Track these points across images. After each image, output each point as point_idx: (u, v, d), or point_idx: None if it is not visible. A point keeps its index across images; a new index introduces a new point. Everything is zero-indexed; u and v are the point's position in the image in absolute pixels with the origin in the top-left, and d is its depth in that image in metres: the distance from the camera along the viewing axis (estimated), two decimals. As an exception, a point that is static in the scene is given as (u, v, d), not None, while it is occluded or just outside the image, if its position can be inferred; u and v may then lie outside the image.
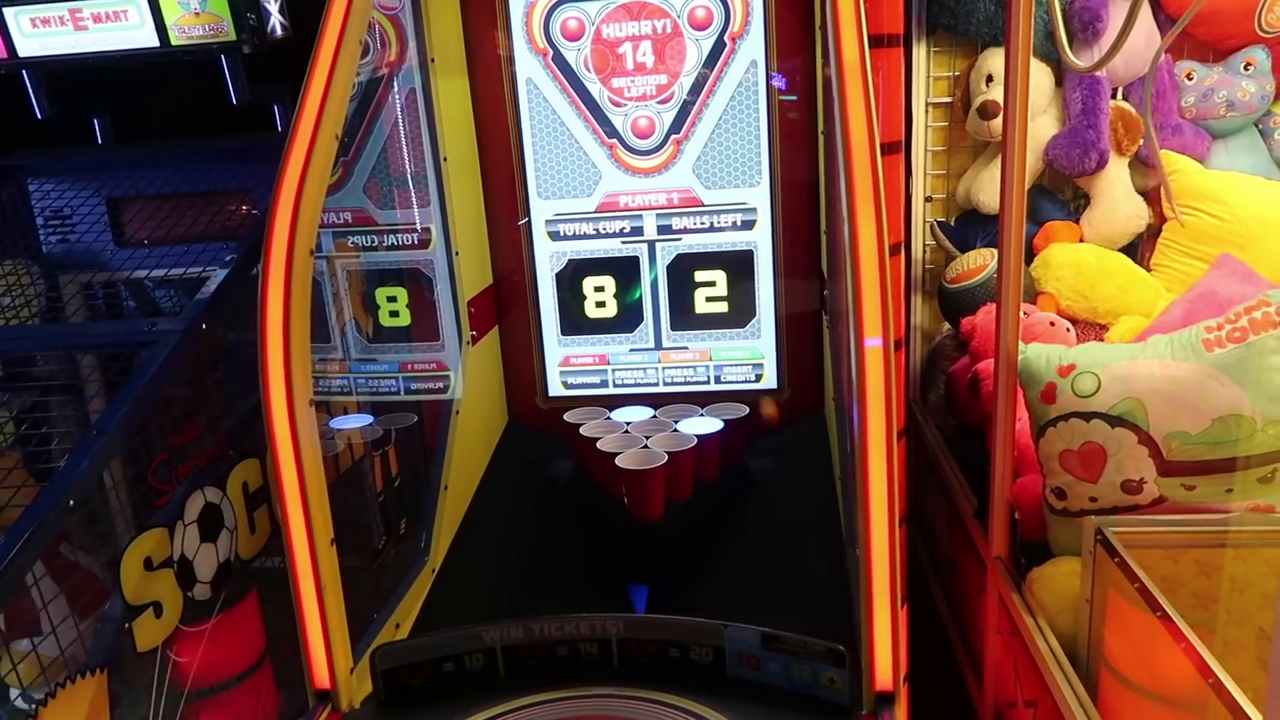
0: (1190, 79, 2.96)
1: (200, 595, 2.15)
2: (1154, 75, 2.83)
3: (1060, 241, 2.89)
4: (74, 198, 2.91)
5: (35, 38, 2.81)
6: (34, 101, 2.99)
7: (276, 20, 2.79)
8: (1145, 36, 2.87)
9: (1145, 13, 2.85)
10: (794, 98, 2.47)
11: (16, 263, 2.77)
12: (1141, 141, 2.91)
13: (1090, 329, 2.73)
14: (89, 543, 2.04)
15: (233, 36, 2.74)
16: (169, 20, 2.72)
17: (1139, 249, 2.97)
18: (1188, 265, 2.78)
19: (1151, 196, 2.96)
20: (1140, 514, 1.87)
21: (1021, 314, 2.05)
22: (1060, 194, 3.12)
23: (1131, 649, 1.69)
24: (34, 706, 1.70)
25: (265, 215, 2.56)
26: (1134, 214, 2.93)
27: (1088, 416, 1.90)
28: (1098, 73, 2.80)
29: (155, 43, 2.76)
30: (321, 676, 1.82)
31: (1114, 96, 2.97)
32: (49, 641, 1.83)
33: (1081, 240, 2.93)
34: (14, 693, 1.81)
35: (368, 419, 2.73)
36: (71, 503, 1.81)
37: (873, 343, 1.47)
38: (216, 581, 2.21)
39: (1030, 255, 2.89)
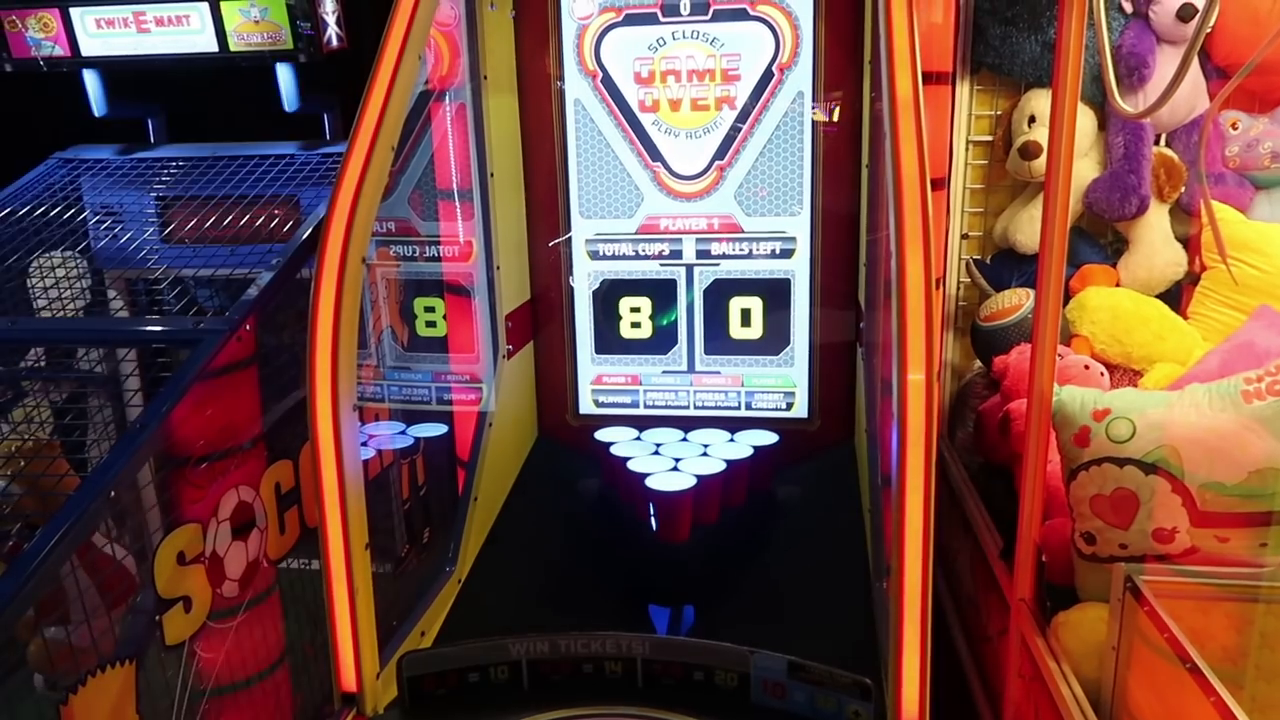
0: (1235, 128, 2.96)
1: (228, 592, 2.18)
2: (1209, 126, 2.83)
3: (1097, 285, 2.88)
4: (125, 194, 2.96)
5: (99, 38, 2.89)
6: (92, 99, 3.06)
7: (333, 31, 2.84)
8: (1191, 84, 2.87)
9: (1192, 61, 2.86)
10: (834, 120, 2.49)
11: (66, 255, 2.82)
12: (1183, 189, 2.90)
13: (1124, 375, 2.71)
14: (123, 535, 2.07)
15: (290, 45, 2.80)
16: (229, 26, 2.79)
17: (1177, 297, 2.95)
18: (1225, 315, 2.76)
19: (1191, 244, 2.95)
20: (1171, 563, 1.86)
21: (1056, 356, 2.05)
22: (1099, 238, 3.11)
23: (1157, 700, 1.67)
24: (64, 694, 1.72)
25: (310, 220, 2.62)
26: (1172, 261, 2.92)
27: (1121, 462, 1.89)
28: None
29: (214, 48, 2.83)
30: (349, 679, 1.83)
31: (1156, 143, 2.97)
32: (80, 630, 1.86)
33: (1118, 285, 2.92)
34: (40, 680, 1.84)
35: (399, 426, 2.76)
36: (113, 494, 1.84)
37: (916, 377, 1.47)
38: (244, 579, 2.23)
39: (1065, 297, 2.89)
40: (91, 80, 3.04)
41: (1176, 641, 1.55)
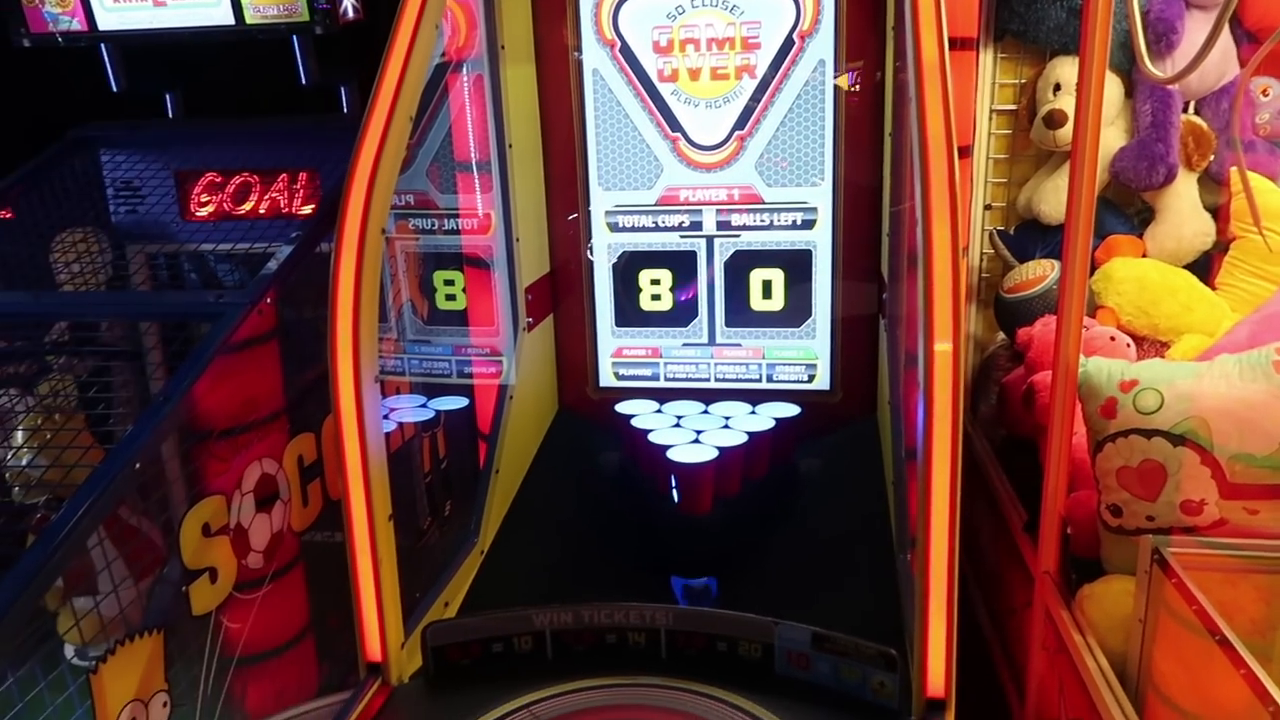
0: (1266, 95, 2.90)
1: (253, 564, 2.20)
2: (1242, 93, 2.78)
3: (1123, 255, 2.84)
4: (144, 170, 2.97)
5: (115, 12, 2.88)
6: (110, 74, 3.06)
7: (349, 3, 2.83)
8: (1220, 50, 2.82)
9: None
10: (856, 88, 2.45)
11: (86, 231, 2.84)
12: (1212, 157, 2.86)
13: (1151, 346, 2.68)
14: (148, 507, 2.09)
15: (306, 17, 2.78)
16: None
17: (1205, 267, 2.91)
18: (1255, 285, 2.72)
19: (1219, 214, 2.91)
20: (1199, 536, 1.84)
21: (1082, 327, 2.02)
22: (1125, 208, 3.07)
23: (1184, 673, 1.66)
24: (93, 663, 1.74)
25: (329, 195, 2.62)
26: (1200, 231, 2.87)
27: (1149, 434, 1.87)
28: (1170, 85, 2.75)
29: (231, 21, 2.82)
30: (374, 649, 1.85)
31: (1185, 110, 2.92)
32: (108, 601, 1.88)
33: (1144, 255, 2.88)
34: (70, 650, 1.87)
35: (420, 400, 2.77)
36: (138, 466, 1.86)
37: (943, 346, 1.46)
38: (269, 551, 2.25)
39: (1091, 268, 2.85)
40: (109, 55, 3.03)
41: (1205, 614, 1.54)
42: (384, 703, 1.83)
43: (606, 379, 2.81)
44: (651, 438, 2.46)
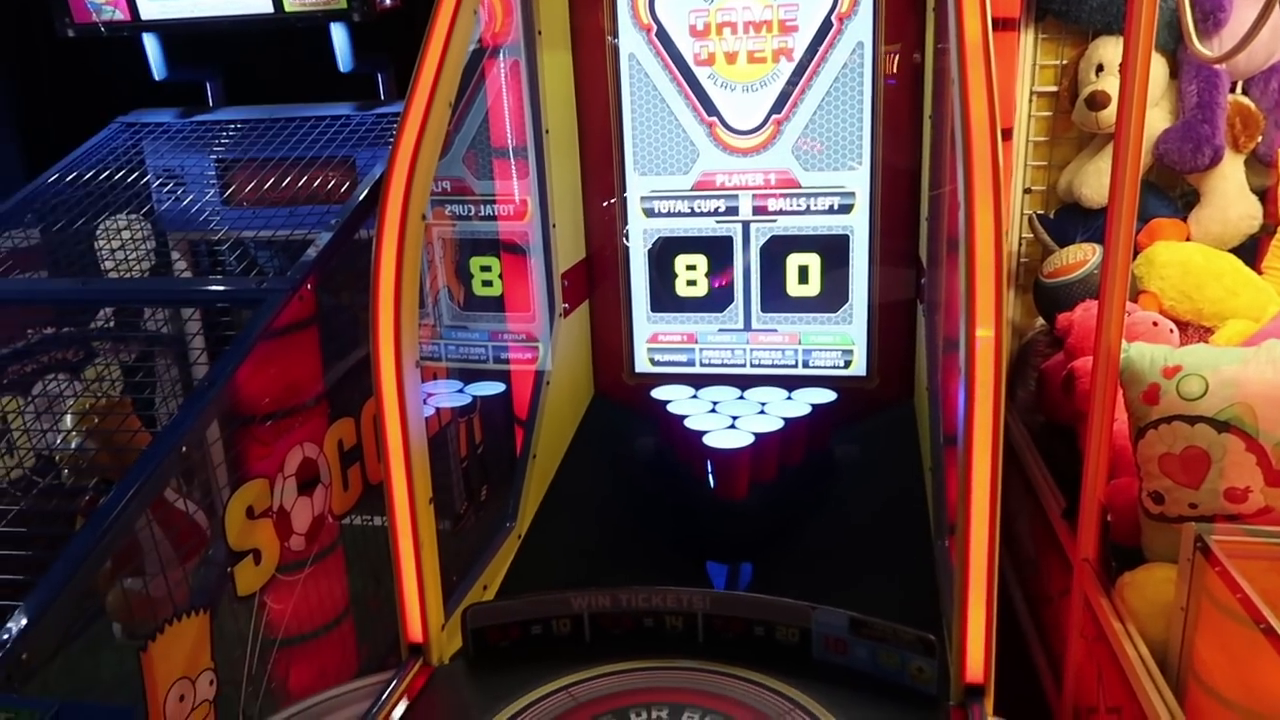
0: (1316, 75, 2.84)
1: (295, 546, 2.23)
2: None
3: (1166, 239, 2.80)
4: (185, 157, 3.01)
5: (158, 1, 2.92)
6: (152, 63, 3.10)
7: (387, -10, 2.84)
8: (1270, 29, 2.74)
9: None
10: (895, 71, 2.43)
11: (130, 218, 2.89)
12: (1260, 139, 2.80)
13: (1195, 332, 2.64)
14: (193, 490, 2.13)
15: (344, 5, 2.81)
16: (284, -13, 2.80)
17: (1252, 251, 2.86)
18: (1302, 270, 2.67)
19: (1267, 196, 2.85)
20: (1243, 524, 1.82)
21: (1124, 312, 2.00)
22: (1169, 191, 3.02)
23: (1228, 661, 1.64)
24: (143, 641, 1.78)
25: (367, 181, 2.64)
26: (1247, 214, 2.82)
27: (1192, 420, 1.85)
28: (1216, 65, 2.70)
29: (270, 9, 2.85)
30: (415, 630, 1.88)
31: (1232, 90, 2.86)
32: (156, 581, 1.92)
33: (1188, 239, 2.84)
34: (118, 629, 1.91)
35: (457, 385, 2.79)
36: (184, 449, 1.89)
37: (985, 333, 1.45)
38: (310, 534, 2.29)
39: (1133, 252, 2.81)
40: (151, 44, 3.08)
41: (1250, 602, 1.52)
42: (425, 683, 1.86)
43: (642, 364, 2.82)
44: (687, 423, 2.47)
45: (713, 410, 2.55)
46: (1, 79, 3.74)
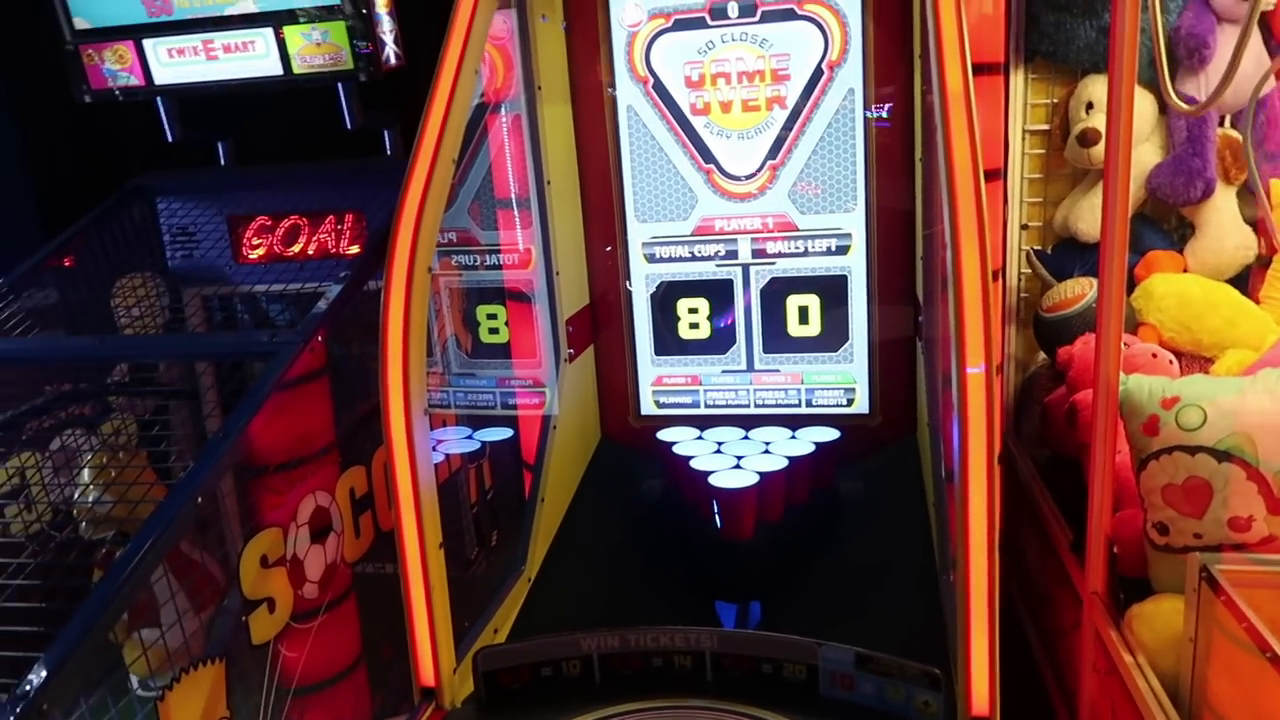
0: (1300, 107, 2.88)
1: (309, 594, 2.26)
2: (1254, 106, 2.75)
3: (1163, 271, 2.83)
4: (198, 216, 3.09)
5: (171, 67, 3.01)
6: (165, 125, 3.19)
7: (391, 50, 2.93)
8: (1255, 62, 2.80)
9: (1255, 38, 2.79)
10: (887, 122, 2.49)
11: (145, 276, 2.96)
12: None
13: (1194, 362, 2.65)
14: (208, 541, 2.16)
15: (350, 65, 2.89)
16: (292, 50, 2.89)
17: (1246, 281, 2.89)
18: (1299, 298, 2.69)
19: (1261, 227, 2.88)
20: (1248, 553, 1.82)
21: (1122, 345, 2.02)
22: (1164, 223, 3.05)
23: (1239, 692, 1.64)
24: (160, 691, 1.81)
25: (375, 235, 2.70)
26: (1241, 244, 2.85)
27: (1192, 450, 1.86)
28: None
29: (279, 71, 2.94)
30: (427, 674, 1.89)
31: (1221, 124, 2.91)
32: (172, 631, 1.95)
33: (1185, 271, 2.86)
34: (134, 680, 1.93)
35: (466, 431, 2.83)
36: (199, 500, 1.93)
37: (975, 370, 1.48)
38: (323, 581, 2.31)
39: (1130, 285, 2.84)
40: (164, 107, 3.17)
41: (1256, 632, 1.53)
42: (437, 727, 1.88)
43: (647, 407, 2.85)
44: (693, 464, 2.49)
45: (718, 450, 2.57)
46: (19, 142, 3.84)
